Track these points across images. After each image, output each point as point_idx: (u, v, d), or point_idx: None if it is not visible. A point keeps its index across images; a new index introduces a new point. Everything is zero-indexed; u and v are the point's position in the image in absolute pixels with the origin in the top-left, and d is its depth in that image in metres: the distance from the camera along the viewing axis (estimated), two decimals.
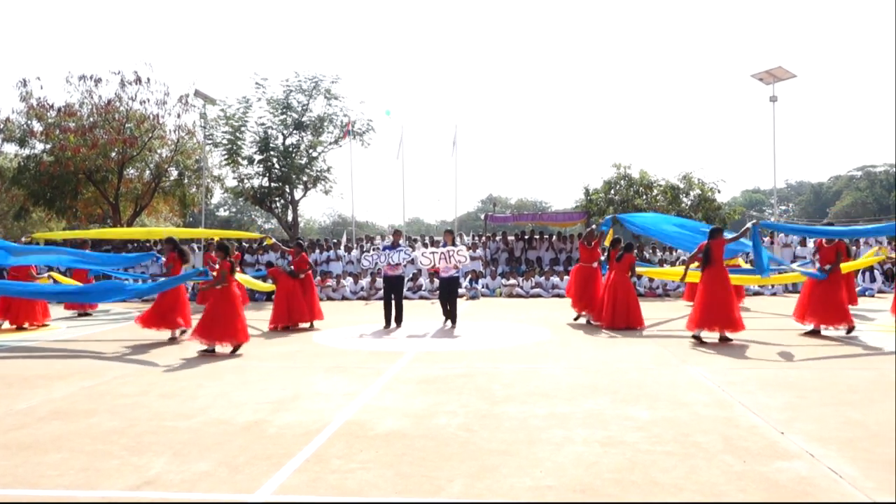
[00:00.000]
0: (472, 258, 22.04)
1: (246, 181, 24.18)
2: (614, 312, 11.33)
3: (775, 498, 3.77)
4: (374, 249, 14.99)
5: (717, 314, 9.47)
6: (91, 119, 25.46)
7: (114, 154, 25.35)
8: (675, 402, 6.06)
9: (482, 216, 34.90)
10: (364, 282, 20.01)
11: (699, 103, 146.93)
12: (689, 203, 25.72)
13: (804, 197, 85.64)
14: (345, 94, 25.15)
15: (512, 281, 20.17)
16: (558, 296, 19.26)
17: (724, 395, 6.31)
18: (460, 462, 4.43)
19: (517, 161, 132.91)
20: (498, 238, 24.27)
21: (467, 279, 20.34)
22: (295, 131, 24.07)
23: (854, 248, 19.34)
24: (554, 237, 24.15)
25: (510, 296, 19.64)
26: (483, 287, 20.07)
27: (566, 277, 19.89)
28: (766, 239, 21.69)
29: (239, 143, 23.52)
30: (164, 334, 10.95)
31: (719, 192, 25.83)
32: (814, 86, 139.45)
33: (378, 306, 17.17)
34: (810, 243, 21.42)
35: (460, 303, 17.44)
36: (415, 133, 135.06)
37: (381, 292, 19.07)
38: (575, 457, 4.50)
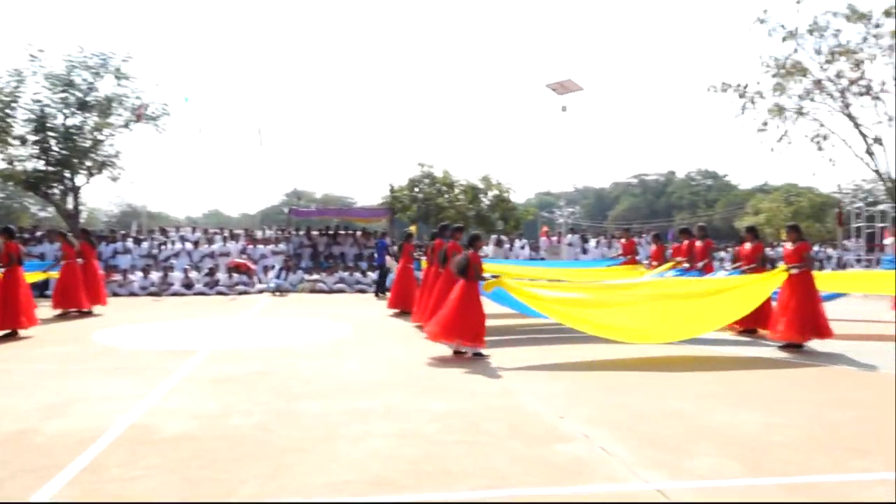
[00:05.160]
0: (275, 252, 21.55)
1: (17, 163, 21.64)
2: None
3: (554, 477, 4.07)
4: None
5: (469, 326, 8.25)
6: None
7: None
8: (468, 392, 6.34)
9: (286, 209, 34.14)
10: (155, 276, 18.74)
11: (499, 109, 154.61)
12: (487, 203, 26.99)
13: (589, 200, 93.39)
14: (137, 75, 23.30)
15: (315, 276, 19.93)
16: (362, 291, 19.35)
17: (512, 384, 6.71)
18: (254, 462, 4.30)
19: (323, 155, 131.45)
20: (301, 232, 23.88)
21: (268, 273, 19.80)
22: (78, 111, 21.93)
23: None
24: (359, 233, 24.23)
25: (313, 291, 19.39)
26: (286, 281, 19.57)
27: (370, 274, 20.04)
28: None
29: (9, 120, 20.97)
30: None
31: (515, 192, 27.41)
32: (599, 99, 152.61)
33: (171, 302, 16.29)
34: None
35: (259, 298, 17.06)
36: (216, 121, 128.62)
37: (173, 287, 18.20)
38: (373, 451, 4.55)
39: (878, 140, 25.99)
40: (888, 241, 23.15)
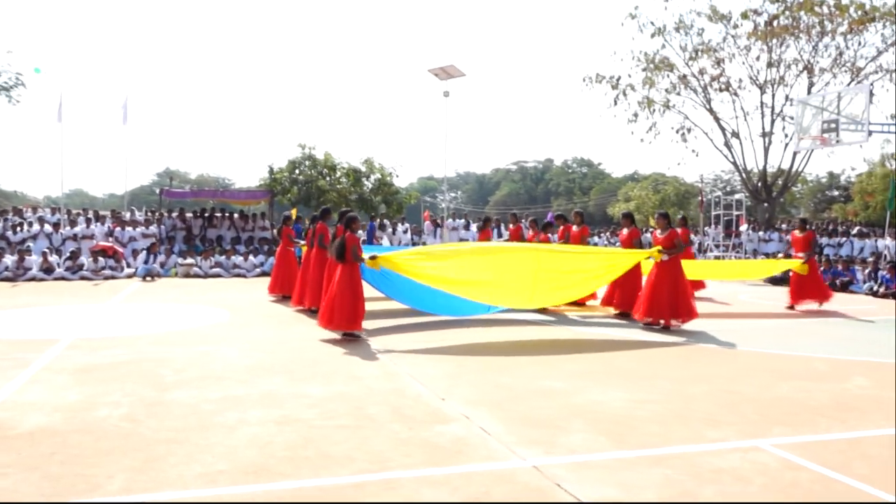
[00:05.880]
0: (145, 235, 20.48)
1: None
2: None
3: (436, 458, 4.13)
4: None
5: (345, 311, 8.21)
6: None
7: None
8: (350, 376, 6.31)
9: (157, 190, 32.52)
10: (9, 260, 17.33)
11: (382, 92, 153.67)
12: (370, 186, 26.86)
13: (470, 186, 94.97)
14: None
15: (189, 260, 19.10)
16: (239, 276, 18.74)
17: (394, 367, 6.74)
18: (122, 455, 4.09)
19: (198, 135, 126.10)
20: (174, 214, 22.81)
21: (138, 258, 18.80)
22: None
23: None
24: (236, 215, 23.44)
25: (187, 276, 18.57)
26: (158, 266, 18.63)
27: (251, 258, 19.43)
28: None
29: None
30: None
31: (397, 176, 27.43)
32: (481, 86, 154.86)
33: (28, 288, 15.11)
34: None
35: (128, 283, 16.18)
36: (79, 95, 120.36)
37: (31, 272, 16.88)
38: (249, 439, 4.44)
39: (735, 134, 28.02)
40: (743, 227, 25.03)
